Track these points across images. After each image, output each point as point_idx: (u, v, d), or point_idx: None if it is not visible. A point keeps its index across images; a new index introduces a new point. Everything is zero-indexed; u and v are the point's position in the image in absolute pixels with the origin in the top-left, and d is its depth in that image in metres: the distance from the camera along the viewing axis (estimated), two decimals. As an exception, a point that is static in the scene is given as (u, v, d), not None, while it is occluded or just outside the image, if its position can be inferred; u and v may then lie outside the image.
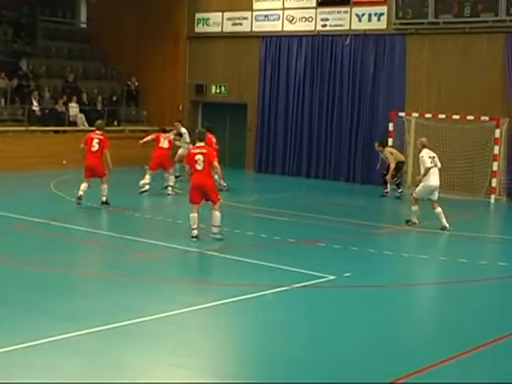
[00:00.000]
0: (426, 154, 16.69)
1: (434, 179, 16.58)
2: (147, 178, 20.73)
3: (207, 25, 29.50)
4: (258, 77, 28.20)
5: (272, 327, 9.37)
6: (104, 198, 18.16)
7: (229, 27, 28.94)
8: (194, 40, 29.86)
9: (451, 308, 10.73)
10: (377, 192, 22.37)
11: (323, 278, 11.68)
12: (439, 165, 16.80)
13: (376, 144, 22.36)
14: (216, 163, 14.63)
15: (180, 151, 22.79)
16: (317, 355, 8.34)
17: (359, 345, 8.79)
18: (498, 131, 22.21)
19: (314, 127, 26.83)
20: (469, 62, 23.51)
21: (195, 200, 14.49)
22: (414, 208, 16.95)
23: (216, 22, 29.22)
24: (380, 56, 25.41)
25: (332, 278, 11.72)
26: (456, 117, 22.87)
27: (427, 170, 16.43)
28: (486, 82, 23.17)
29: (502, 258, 14.67)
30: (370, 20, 25.67)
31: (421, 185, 16.63)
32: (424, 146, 17.03)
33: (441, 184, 22.51)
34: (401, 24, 24.75)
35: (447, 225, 16.43)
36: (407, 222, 17.12)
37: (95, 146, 18.22)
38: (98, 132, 18.57)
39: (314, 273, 11.93)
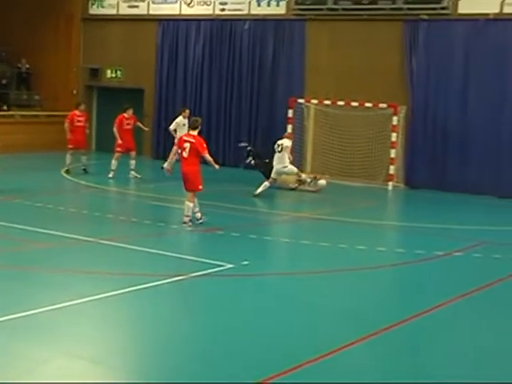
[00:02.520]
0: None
1: (275, 162, 20.10)
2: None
3: (102, 6, 29.04)
4: (155, 61, 27.98)
5: (165, 318, 9.34)
6: None
7: (125, 9, 28.58)
8: (89, 22, 29.35)
9: (348, 295, 10.95)
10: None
11: (221, 266, 11.71)
12: (278, 152, 20.08)
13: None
14: (206, 154, 15.04)
15: None
16: (210, 345, 8.38)
17: (253, 333, 8.86)
18: (395, 118, 22.77)
19: (212, 114, 26.84)
20: (367, 49, 23.98)
21: (184, 187, 15.25)
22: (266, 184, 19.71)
23: (111, 3, 28.81)
24: (279, 42, 25.60)
25: (230, 266, 11.76)
26: (354, 104, 23.31)
27: None
28: (384, 69, 23.69)
29: (399, 245, 15.07)
30: (269, 5, 25.83)
31: None
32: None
33: (340, 171, 23.19)
34: (300, 10, 25.01)
35: (257, 193, 19.36)
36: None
37: None
38: None
39: (212, 261, 11.96)
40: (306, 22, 25.12)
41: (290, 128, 24.13)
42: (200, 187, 15.15)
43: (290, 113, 24.34)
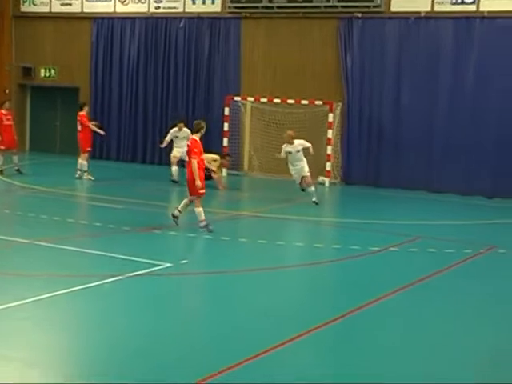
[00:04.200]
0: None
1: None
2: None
3: (34, 4, 28.59)
4: (89, 60, 27.67)
5: (102, 318, 9.22)
6: None
7: (58, 7, 28.19)
8: (20, 20, 28.84)
9: (285, 292, 10.98)
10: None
11: (159, 265, 11.64)
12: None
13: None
14: (193, 159, 14.46)
15: None
16: (147, 345, 8.32)
17: (191, 333, 8.83)
18: (331, 115, 22.96)
19: (148, 112, 26.70)
20: (303, 46, 24.13)
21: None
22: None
23: (43, 1, 28.38)
24: (215, 40, 25.56)
25: (168, 265, 11.70)
26: (291, 101, 23.43)
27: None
28: (319, 66, 23.89)
29: (336, 241, 15.16)
30: (204, 3, 25.77)
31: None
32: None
33: (277, 169, 23.24)
34: (235, 8, 25.00)
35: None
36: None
37: None
38: None
39: (150, 261, 11.86)
40: (241, 20, 25.13)
41: (226, 126, 24.16)
42: (200, 192, 14.67)
43: (227, 111, 24.34)
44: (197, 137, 14.81)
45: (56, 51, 28.34)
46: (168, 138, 22.09)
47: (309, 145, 18.97)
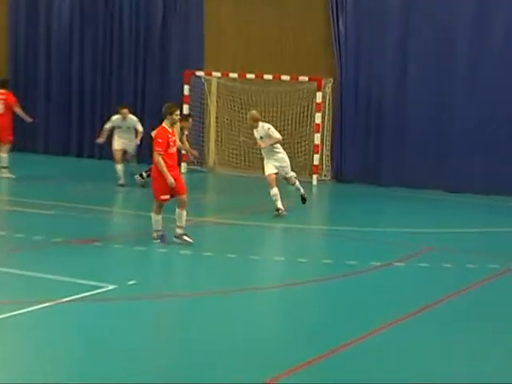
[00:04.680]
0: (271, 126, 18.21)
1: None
2: None
3: None
4: (7, 25, 27.59)
5: (19, 357, 9.21)
6: None
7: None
8: None
9: (263, 320, 11.02)
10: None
11: (100, 288, 11.62)
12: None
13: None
14: (156, 153, 14.37)
15: None
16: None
17: (141, 375, 8.84)
18: (319, 95, 23.01)
19: (85, 90, 26.64)
20: (283, 8, 24.14)
21: None
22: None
23: None
24: (171, 0, 25.56)
25: (112, 287, 11.69)
26: (268, 77, 23.42)
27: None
28: (305, 32, 23.91)
29: (326, 255, 15.20)
30: (156, -49, 25.83)
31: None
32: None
33: (251, 162, 23.27)
34: (196, -42, 25.10)
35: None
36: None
37: None
38: None
39: (89, 282, 11.83)
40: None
41: (186, 108, 24.17)
42: (161, 197, 14.64)
43: (186, 89, 24.33)
44: (166, 124, 14.66)
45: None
46: (108, 127, 21.69)
47: (276, 138, 18.07)
